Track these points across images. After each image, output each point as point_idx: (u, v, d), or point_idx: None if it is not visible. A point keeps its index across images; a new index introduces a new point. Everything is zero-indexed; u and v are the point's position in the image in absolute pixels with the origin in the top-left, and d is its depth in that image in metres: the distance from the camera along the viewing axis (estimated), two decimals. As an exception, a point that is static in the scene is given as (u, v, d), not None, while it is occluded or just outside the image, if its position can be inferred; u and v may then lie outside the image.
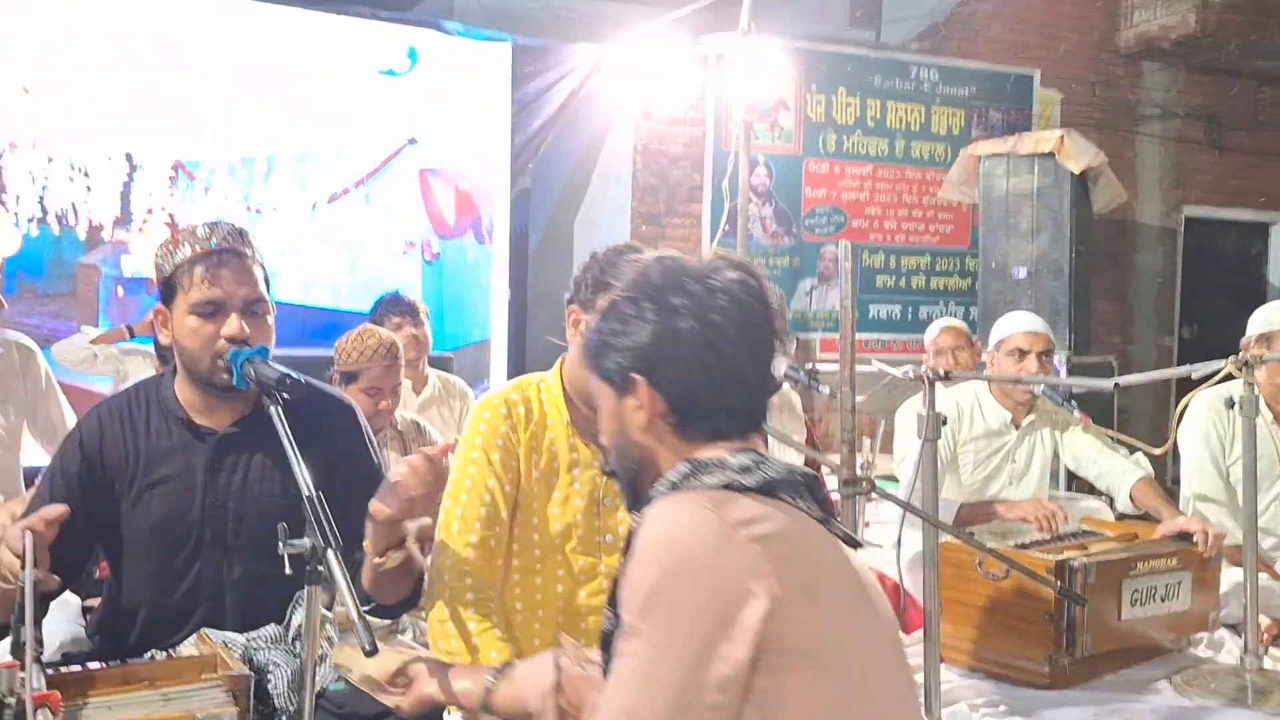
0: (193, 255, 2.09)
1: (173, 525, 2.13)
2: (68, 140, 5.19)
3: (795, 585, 1.36)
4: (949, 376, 2.63)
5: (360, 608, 1.65)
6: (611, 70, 6.45)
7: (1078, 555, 3.11)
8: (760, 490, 1.43)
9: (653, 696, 1.33)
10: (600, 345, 1.55)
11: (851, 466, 2.23)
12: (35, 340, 3.56)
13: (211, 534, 2.13)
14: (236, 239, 2.14)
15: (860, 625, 1.45)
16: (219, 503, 2.14)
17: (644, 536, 1.40)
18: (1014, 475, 3.70)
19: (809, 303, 7.15)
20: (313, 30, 5.72)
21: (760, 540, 1.36)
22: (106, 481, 2.15)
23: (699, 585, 1.34)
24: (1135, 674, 3.17)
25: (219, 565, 2.13)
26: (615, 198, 6.73)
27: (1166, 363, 8.51)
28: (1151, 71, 8.47)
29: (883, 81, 7.30)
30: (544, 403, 2.31)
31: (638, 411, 1.52)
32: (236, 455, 2.16)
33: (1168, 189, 8.68)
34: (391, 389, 3.36)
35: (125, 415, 2.18)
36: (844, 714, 1.38)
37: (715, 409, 1.50)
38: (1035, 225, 6.32)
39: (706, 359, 1.48)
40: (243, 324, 2.08)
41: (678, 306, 1.49)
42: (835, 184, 7.21)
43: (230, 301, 2.09)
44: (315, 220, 5.82)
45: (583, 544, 2.26)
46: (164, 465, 2.14)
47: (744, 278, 1.52)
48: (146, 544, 2.14)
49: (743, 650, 1.32)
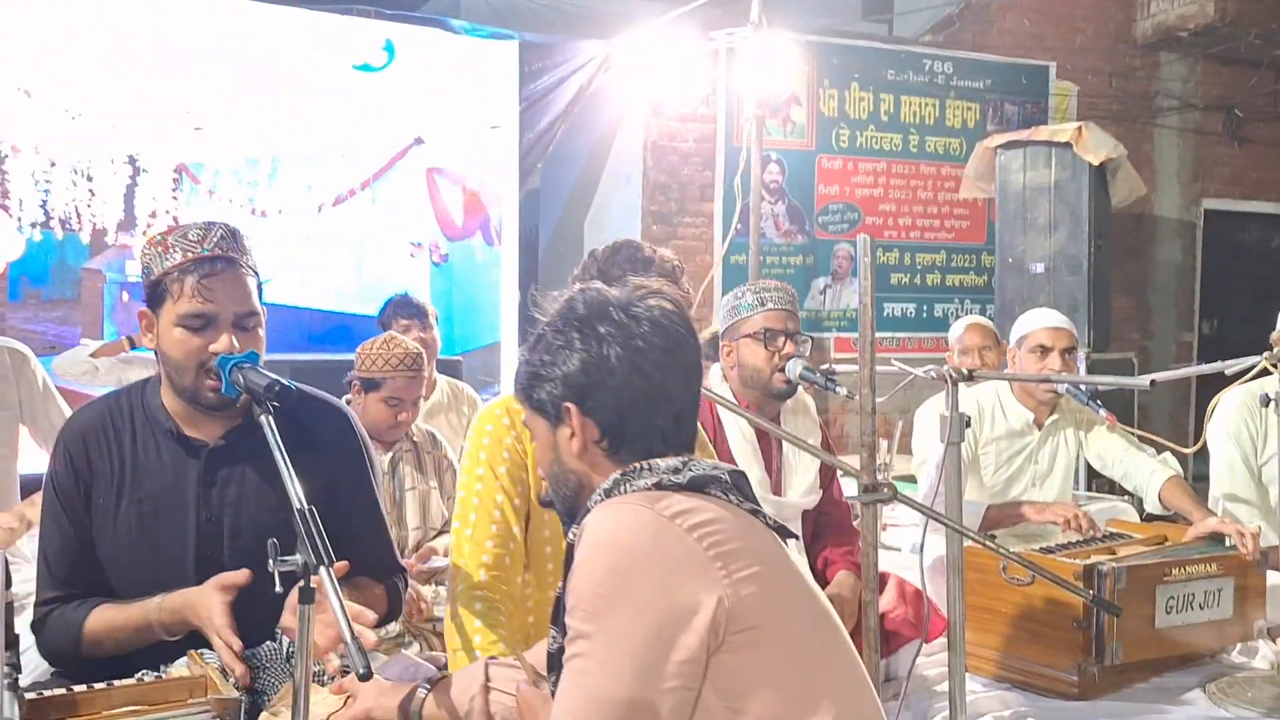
0: (183, 262, 1.99)
1: (165, 540, 2.06)
2: (70, 144, 5.12)
3: (739, 567, 1.39)
4: (972, 376, 2.52)
5: (353, 628, 1.57)
6: (620, 66, 6.36)
7: (1106, 560, 3.00)
8: (690, 487, 1.47)
9: (608, 692, 1.33)
10: (530, 376, 1.60)
11: (872, 472, 2.13)
12: (40, 347, 3.51)
13: (207, 549, 2.06)
14: (230, 244, 2.05)
15: (806, 608, 1.48)
16: (213, 517, 2.07)
17: (585, 543, 1.42)
18: (1037, 476, 3.60)
19: (823, 302, 7.05)
20: (314, 29, 5.64)
21: (698, 528, 1.40)
22: (93, 492, 2.07)
23: (646, 578, 1.37)
24: (1167, 682, 3.07)
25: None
26: (625, 197, 6.64)
27: (1187, 359, 8.38)
28: (1169, 62, 8.34)
29: (896, 75, 7.19)
30: None
31: (571, 439, 1.56)
32: (230, 468, 2.09)
33: (1187, 182, 8.55)
34: (413, 401, 3.30)
35: (108, 424, 2.10)
36: (804, 692, 1.40)
37: (647, 431, 1.54)
38: (1053, 220, 6.21)
39: (635, 383, 1.53)
40: (233, 340, 2.00)
41: (604, 334, 1.54)
42: (849, 180, 7.10)
43: (221, 316, 2.00)
44: (321, 222, 5.74)
45: None
46: (153, 479, 2.07)
47: (664, 303, 1.58)
48: (136, 559, 2.06)
49: (696, 638, 1.35)
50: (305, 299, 5.70)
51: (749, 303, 3.03)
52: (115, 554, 2.06)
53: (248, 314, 2.04)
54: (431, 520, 3.34)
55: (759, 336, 2.98)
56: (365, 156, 5.82)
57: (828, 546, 3.12)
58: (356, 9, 5.71)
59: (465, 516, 2.14)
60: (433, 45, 5.94)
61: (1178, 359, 8.38)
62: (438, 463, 3.43)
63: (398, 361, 3.25)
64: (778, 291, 3.09)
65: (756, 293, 3.07)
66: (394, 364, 3.24)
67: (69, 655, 2.01)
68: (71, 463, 2.08)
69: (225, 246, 2.03)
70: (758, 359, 2.98)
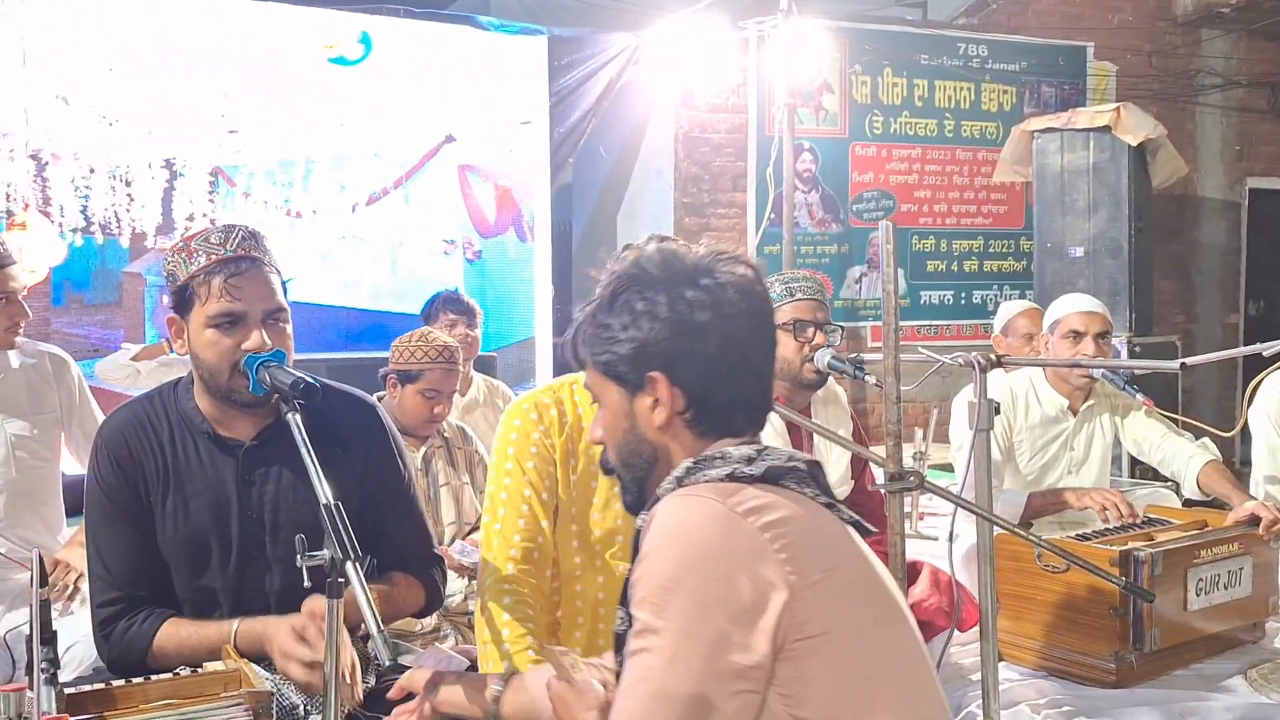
0: (208, 264, 2.03)
1: (209, 539, 2.09)
2: (108, 149, 5.20)
3: (810, 569, 1.35)
4: (1001, 362, 2.49)
5: (379, 620, 1.59)
6: (650, 58, 6.35)
7: (1143, 546, 2.97)
8: (764, 479, 1.41)
9: (674, 689, 1.29)
10: (604, 340, 1.49)
11: (898, 460, 2.12)
12: (83, 351, 3.57)
13: (250, 547, 2.10)
14: (252, 244, 2.08)
15: (875, 605, 1.43)
16: (254, 515, 2.10)
17: (654, 533, 1.38)
18: (1073, 463, 3.55)
19: (859, 290, 7.00)
20: (343, 30, 5.68)
21: (771, 527, 1.35)
22: (139, 492, 2.11)
23: (714, 576, 1.32)
24: (1207, 669, 3.03)
25: (259, 578, 2.10)
26: (658, 190, 6.64)
27: (1232, 342, 8.25)
28: (1211, 39, 8.19)
29: (930, 59, 7.12)
30: (577, 404, 2.22)
31: (654, 409, 1.48)
32: (266, 466, 2.12)
33: (1230, 161, 8.40)
34: (448, 394, 3.33)
35: (146, 425, 2.13)
36: (865, 692, 1.36)
37: (732, 404, 1.48)
38: (1092, 203, 6.14)
39: (726, 352, 1.46)
40: (264, 337, 2.02)
41: (692, 300, 1.45)
42: (883, 167, 7.05)
43: (251, 314, 2.03)
44: (355, 222, 5.79)
45: (624, 550, 2.17)
46: (194, 480, 2.10)
47: (745, 270, 1.50)
48: (181, 558, 2.10)
49: (764, 640, 1.31)
50: (341, 298, 5.76)
51: (777, 293, 3.02)
52: (168, 553, 2.10)
53: (276, 310, 2.07)
54: (466, 515, 3.37)
55: (788, 327, 2.97)
56: (397, 155, 5.86)
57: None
58: (386, 8, 5.74)
59: (494, 511, 2.16)
60: (462, 42, 5.97)
61: (1223, 342, 8.24)
62: (469, 457, 3.45)
63: (435, 354, 3.28)
64: (806, 281, 3.08)
65: (785, 283, 3.06)
66: (432, 356, 3.27)
67: (135, 668, 2.01)
68: (117, 463, 2.10)
69: (248, 247, 2.06)
70: (787, 350, 2.97)
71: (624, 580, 2.14)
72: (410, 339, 3.36)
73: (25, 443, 2.86)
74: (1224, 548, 3.05)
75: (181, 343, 2.09)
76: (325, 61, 5.64)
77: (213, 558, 2.09)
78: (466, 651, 2.82)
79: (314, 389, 1.88)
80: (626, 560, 2.17)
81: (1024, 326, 4.47)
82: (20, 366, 2.90)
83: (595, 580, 2.19)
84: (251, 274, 2.04)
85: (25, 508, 2.84)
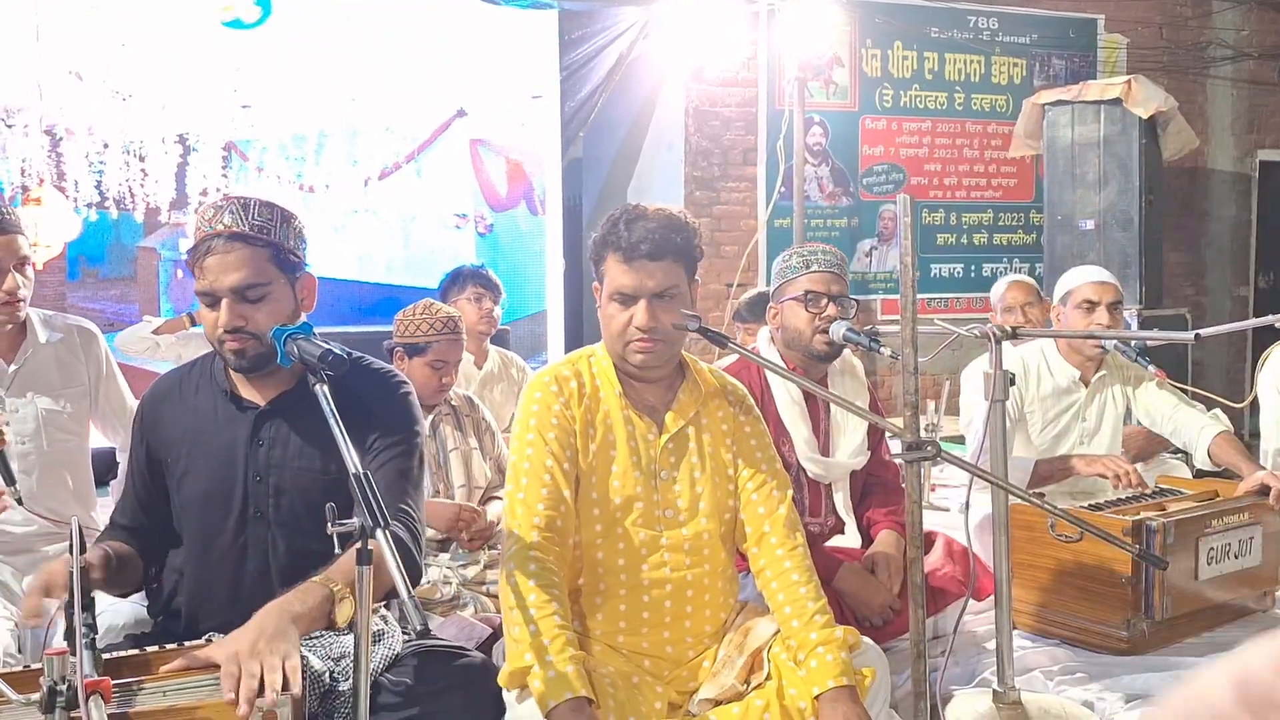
0: (197, 243, 2.09)
1: (217, 498, 2.13)
2: (121, 124, 5.21)
3: None
4: (1016, 334, 2.52)
5: (410, 588, 1.61)
6: (660, 32, 6.34)
7: (1156, 515, 3.00)
8: None
9: None
10: None
11: (915, 430, 2.14)
12: (99, 324, 3.57)
13: (254, 508, 2.12)
14: (238, 217, 2.07)
15: None
16: (260, 476, 2.13)
17: None
18: (1085, 434, 3.58)
19: (869, 264, 7.01)
20: (354, 5, 5.68)
21: None
22: (161, 455, 2.18)
23: None
24: (1217, 637, 3.07)
25: (264, 541, 2.12)
26: (668, 163, 6.64)
27: (1242, 314, 8.24)
28: (1222, 11, 8.15)
29: (940, 32, 7.10)
30: (595, 375, 2.25)
31: None
32: (276, 429, 2.15)
33: (1241, 133, 8.37)
34: (454, 363, 3.35)
35: (178, 391, 2.22)
36: None
37: None
38: (1103, 175, 6.13)
39: None
40: (232, 313, 2.05)
41: None
42: (893, 140, 7.05)
43: (217, 291, 2.06)
44: (368, 196, 5.81)
45: (643, 517, 2.21)
46: (210, 438, 2.15)
47: None
48: (193, 517, 2.15)
49: None
50: (354, 272, 5.78)
51: (795, 265, 3.04)
52: (184, 510, 2.16)
53: (247, 286, 2.06)
54: (475, 479, 3.39)
55: (801, 299, 2.99)
56: (409, 129, 5.88)
57: (873, 507, 3.15)
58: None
59: (517, 480, 2.18)
60: (473, 17, 5.96)
61: (1233, 314, 8.24)
62: (476, 424, 3.48)
63: (441, 326, 3.30)
64: (824, 254, 3.09)
65: (803, 255, 3.08)
66: (437, 329, 3.29)
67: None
68: (142, 424, 2.22)
69: (230, 221, 2.06)
70: (799, 320, 2.99)
71: (641, 548, 2.18)
72: (414, 311, 3.37)
73: (55, 417, 2.89)
74: (1234, 517, 3.09)
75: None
76: (335, 36, 5.64)
77: (219, 516, 2.13)
78: (487, 619, 2.86)
79: (343, 360, 1.90)
80: (647, 528, 2.20)
81: (1011, 298, 4.52)
82: (48, 342, 2.92)
83: (616, 547, 2.21)
84: (221, 251, 2.05)
85: (57, 482, 2.87)
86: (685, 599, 2.21)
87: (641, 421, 2.23)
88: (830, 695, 2.03)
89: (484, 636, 2.74)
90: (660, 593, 2.19)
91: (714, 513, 2.24)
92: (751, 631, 2.23)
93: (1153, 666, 2.85)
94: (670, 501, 2.22)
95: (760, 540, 2.25)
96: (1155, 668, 2.84)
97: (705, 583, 2.23)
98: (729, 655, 2.21)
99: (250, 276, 2.06)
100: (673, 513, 2.21)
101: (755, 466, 2.29)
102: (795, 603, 2.16)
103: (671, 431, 2.24)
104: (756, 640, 2.21)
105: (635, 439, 2.22)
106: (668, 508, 2.22)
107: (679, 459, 2.25)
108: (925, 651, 2.16)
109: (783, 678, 2.11)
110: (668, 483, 2.23)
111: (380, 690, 1.94)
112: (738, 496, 2.29)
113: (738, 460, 2.29)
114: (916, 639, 2.14)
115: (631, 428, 2.23)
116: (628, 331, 2.20)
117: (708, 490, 2.24)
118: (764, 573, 2.23)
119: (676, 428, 2.25)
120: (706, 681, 2.18)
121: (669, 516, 2.21)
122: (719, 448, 2.28)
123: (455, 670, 2.02)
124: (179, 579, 2.16)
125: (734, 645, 2.22)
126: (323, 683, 1.95)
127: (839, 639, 2.11)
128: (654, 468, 2.22)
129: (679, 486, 2.23)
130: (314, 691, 1.89)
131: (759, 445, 2.32)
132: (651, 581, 2.19)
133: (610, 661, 2.12)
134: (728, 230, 6.62)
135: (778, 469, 2.32)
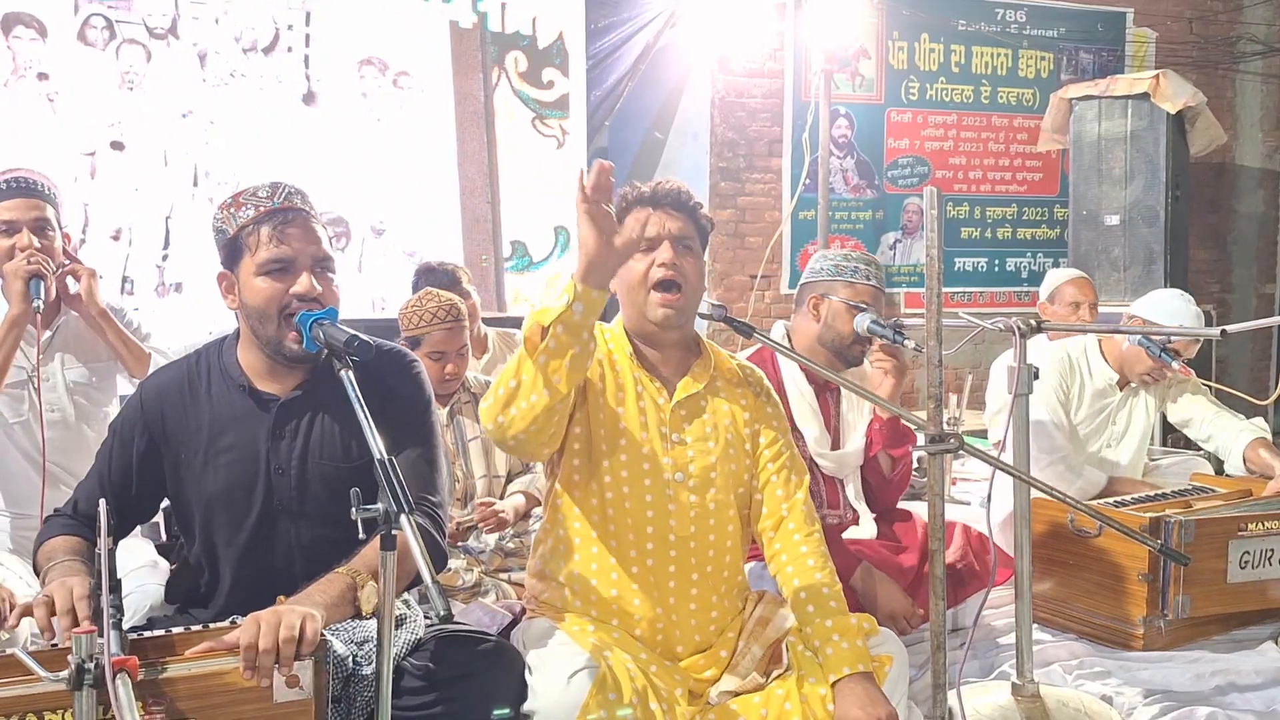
0: (257, 215, 2.08)
1: (239, 493, 2.12)
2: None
3: None
4: (1040, 328, 2.51)
5: (434, 573, 1.62)
6: (687, 22, 6.33)
7: (1176, 513, 2.98)
8: None
9: None
10: None
11: (939, 422, 2.14)
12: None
13: (278, 501, 2.12)
14: (299, 198, 2.13)
15: None
16: (282, 469, 2.12)
17: None
18: (1113, 437, 3.57)
19: (893, 257, 6.99)
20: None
21: None
22: (171, 450, 2.15)
23: None
24: (1237, 633, 3.06)
25: (288, 532, 2.12)
26: (693, 154, 6.63)
27: (1268, 311, 8.17)
28: (1252, 5, 8.07)
29: (967, 25, 7.06)
30: (608, 340, 2.29)
31: None
32: (298, 421, 2.14)
33: (1270, 129, 8.29)
34: (456, 352, 3.29)
35: (186, 384, 2.18)
36: None
37: None
38: (1129, 170, 6.09)
39: None
40: (313, 281, 2.07)
41: None
42: (918, 133, 7.02)
43: (300, 259, 2.07)
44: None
45: (652, 478, 2.20)
46: (228, 433, 2.13)
47: None
48: (215, 511, 2.14)
49: None
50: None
51: (859, 270, 3.03)
52: (204, 507, 2.14)
53: (324, 258, 2.11)
54: (496, 468, 3.37)
55: (853, 308, 2.98)
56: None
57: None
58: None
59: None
60: (498, 4, 5.96)
61: (1258, 312, 8.17)
62: None
63: (431, 316, 3.26)
64: (879, 269, 3.10)
65: (867, 264, 3.06)
66: (427, 320, 3.26)
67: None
68: (144, 415, 2.17)
69: (295, 200, 2.12)
70: (846, 325, 2.99)
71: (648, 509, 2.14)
72: (411, 304, 3.35)
73: (83, 388, 2.96)
74: (1276, 523, 3.02)
75: (232, 298, 2.14)
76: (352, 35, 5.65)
77: (242, 510, 2.12)
78: (509, 606, 2.87)
79: (368, 347, 1.91)
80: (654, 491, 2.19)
81: (1071, 295, 4.44)
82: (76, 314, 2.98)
83: (623, 507, 2.20)
84: (299, 222, 2.09)
85: (85, 453, 2.91)
86: (690, 565, 2.21)
87: (652, 384, 2.25)
88: (847, 681, 2.04)
89: (506, 622, 2.74)
90: (665, 557, 2.19)
91: (726, 485, 2.25)
92: (770, 623, 2.24)
93: (1170, 662, 2.84)
94: (682, 465, 2.22)
95: (778, 525, 2.26)
96: (1171, 662, 2.83)
97: (711, 555, 2.23)
98: (748, 646, 2.22)
99: (327, 250, 2.13)
100: (683, 476, 2.22)
101: (776, 449, 2.30)
102: (811, 589, 2.17)
103: (680, 397, 2.25)
104: (775, 632, 2.22)
105: (645, 399, 2.23)
106: (678, 471, 2.22)
107: (690, 424, 2.25)
108: (945, 644, 2.17)
109: (802, 668, 2.12)
110: (680, 446, 2.23)
111: (403, 674, 1.96)
112: (756, 476, 2.29)
113: (759, 439, 2.30)
114: (937, 630, 2.14)
115: (642, 389, 2.24)
116: (649, 276, 2.21)
117: (721, 460, 2.25)
118: (779, 557, 2.24)
119: (686, 394, 2.25)
120: (726, 673, 2.19)
121: (679, 480, 2.22)
122: (737, 423, 2.29)
123: (477, 655, 2.03)
124: (199, 571, 2.17)
125: (753, 637, 2.23)
126: (345, 667, 1.96)
127: (855, 626, 2.12)
128: (664, 430, 2.23)
129: (691, 453, 2.23)
130: (337, 675, 1.90)
131: (780, 429, 2.34)
132: (656, 545, 2.19)
133: (629, 650, 2.13)
134: (752, 222, 6.61)
135: (796, 456, 2.34)
